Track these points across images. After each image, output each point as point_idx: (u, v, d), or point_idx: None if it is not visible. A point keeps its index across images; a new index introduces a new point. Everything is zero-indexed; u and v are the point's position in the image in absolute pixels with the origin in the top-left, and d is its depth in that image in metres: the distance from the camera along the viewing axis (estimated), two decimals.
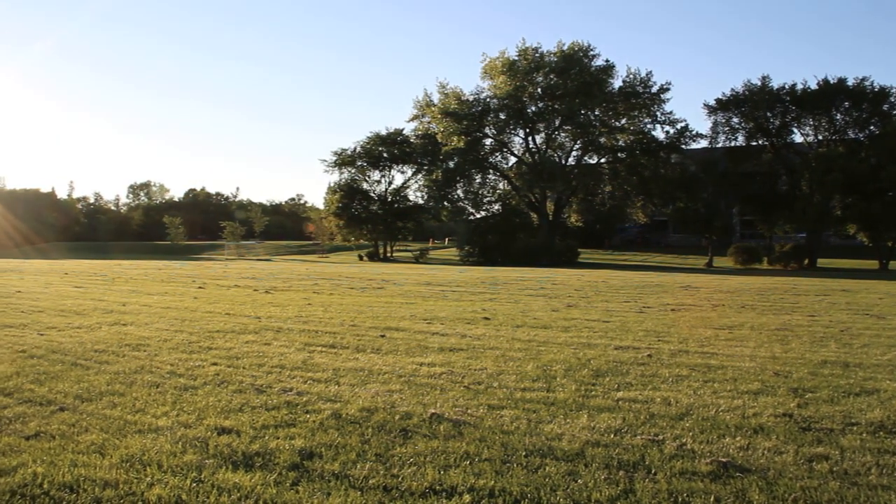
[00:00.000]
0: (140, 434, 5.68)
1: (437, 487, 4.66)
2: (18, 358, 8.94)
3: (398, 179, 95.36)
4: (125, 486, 4.58)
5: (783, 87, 59.11)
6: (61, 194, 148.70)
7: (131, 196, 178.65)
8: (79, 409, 6.40)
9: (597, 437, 5.75)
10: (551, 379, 8.06)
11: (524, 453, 5.35)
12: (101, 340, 10.49)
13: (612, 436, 5.82)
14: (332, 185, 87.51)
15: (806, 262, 54.78)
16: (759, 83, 59.96)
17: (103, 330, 11.72)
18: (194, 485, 4.61)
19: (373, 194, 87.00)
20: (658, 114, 68.05)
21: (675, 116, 67.81)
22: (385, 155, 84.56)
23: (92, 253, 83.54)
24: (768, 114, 59.84)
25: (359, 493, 4.55)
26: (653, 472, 4.99)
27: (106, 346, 9.91)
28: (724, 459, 5.20)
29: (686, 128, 66.99)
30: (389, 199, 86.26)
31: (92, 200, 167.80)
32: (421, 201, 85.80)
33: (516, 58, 69.93)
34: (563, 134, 73.79)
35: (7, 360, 8.74)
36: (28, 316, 13.51)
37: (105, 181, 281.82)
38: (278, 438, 5.60)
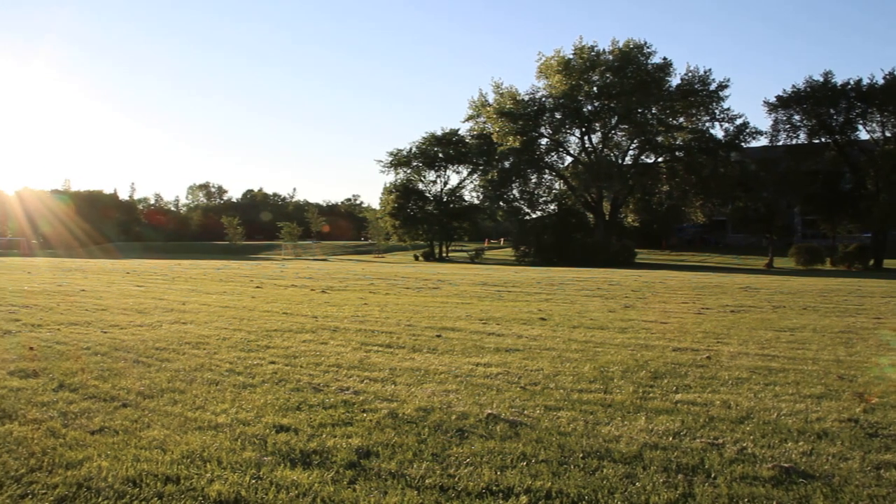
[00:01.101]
0: (200, 431, 5.76)
1: (494, 488, 4.64)
2: (83, 355, 9.14)
3: (454, 179, 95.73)
4: (186, 482, 4.65)
5: (847, 83, 57.42)
6: (123, 195, 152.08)
7: (190, 197, 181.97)
8: (141, 406, 6.52)
9: (655, 440, 5.68)
10: (608, 380, 7.98)
11: (581, 455, 5.30)
12: (162, 338, 10.67)
13: (670, 438, 5.74)
14: (387, 185, 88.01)
15: (871, 262, 53.26)
16: (822, 79, 58.48)
17: (164, 328, 11.92)
18: (253, 481, 4.66)
19: (428, 194, 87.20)
20: (717, 111, 66.98)
21: (734, 113, 66.71)
22: (440, 155, 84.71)
23: (152, 253, 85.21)
24: (831, 110, 58.26)
25: (415, 492, 4.56)
26: (712, 476, 4.90)
27: (167, 344, 10.07)
28: (786, 465, 5.09)
29: (745, 125, 65.82)
30: (445, 200, 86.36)
31: (152, 201, 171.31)
32: (476, 201, 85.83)
33: (572, 56, 69.44)
34: (619, 133, 73.10)
35: (72, 357, 8.94)
36: (92, 314, 13.80)
37: (165, 182, 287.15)
38: (335, 437, 5.64)
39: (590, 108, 71.41)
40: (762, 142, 66.25)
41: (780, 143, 62.59)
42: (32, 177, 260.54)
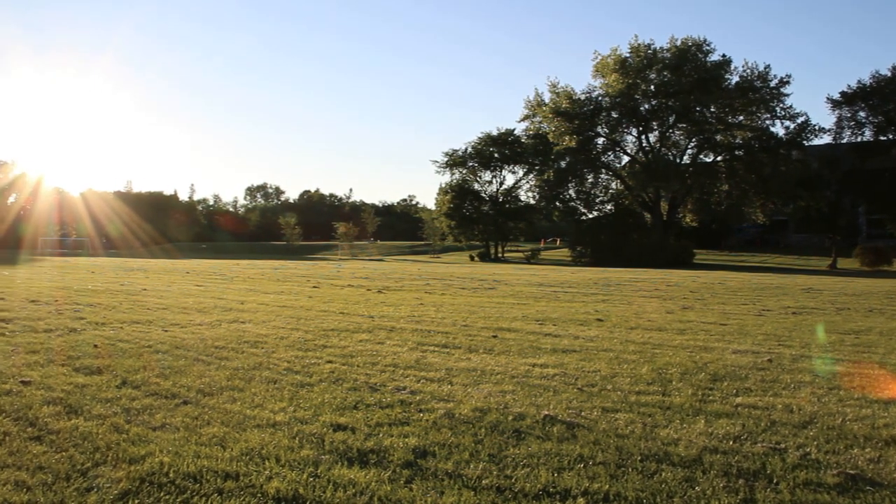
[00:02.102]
0: (259, 428, 5.82)
1: (551, 490, 4.60)
2: (145, 353, 9.31)
3: (509, 180, 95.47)
4: (245, 479, 4.70)
5: None
6: (183, 197, 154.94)
7: (248, 198, 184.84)
8: (201, 403, 6.61)
9: (715, 444, 5.58)
10: (667, 382, 7.87)
11: (639, 458, 5.24)
12: (221, 337, 10.82)
13: (730, 442, 5.63)
14: (443, 185, 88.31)
15: None
16: (890, 73, 56.94)
17: (223, 327, 12.09)
18: (311, 479, 4.69)
19: (484, 195, 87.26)
20: (777, 109, 65.78)
21: (796, 111, 65.34)
22: (496, 155, 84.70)
23: (211, 253, 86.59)
24: None
25: (472, 492, 4.55)
26: (774, 481, 4.79)
27: (226, 343, 10.21)
28: (852, 472, 4.95)
29: (807, 123, 64.56)
30: (500, 200, 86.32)
31: (211, 202, 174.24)
32: (532, 201, 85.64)
33: (628, 55, 68.91)
34: (677, 132, 72.29)
35: (135, 355, 9.12)
36: (153, 313, 14.06)
37: (224, 184, 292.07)
38: (392, 436, 5.65)
39: (647, 106, 70.78)
40: (825, 139, 64.97)
41: (845, 141, 61.27)
42: (96, 179, 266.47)
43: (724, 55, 67.10)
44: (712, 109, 67.42)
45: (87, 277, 26.49)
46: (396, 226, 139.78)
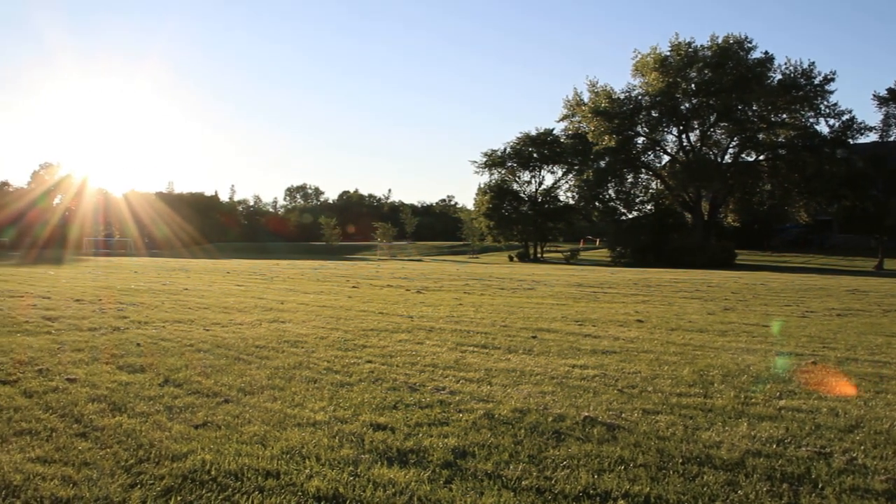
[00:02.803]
0: (299, 427, 5.86)
1: (591, 491, 4.57)
2: (187, 351, 9.42)
3: (548, 180, 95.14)
4: (286, 477, 4.73)
5: None
6: (224, 197, 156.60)
7: (288, 198, 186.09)
8: (242, 402, 6.67)
9: (758, 447, 5.50)
10: (708, 384, 7.78)
11: (681, 460, 5.19)
12: (262, 337, 10.91)
13: (774, 446, 5.55)
14: (482, 186, 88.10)
15: None
16: None
17: (263, 327, 12.19)
18: (351, 478, 4.71)
19: (523, 195, 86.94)
20: (821, 106, 64.57)
21: (841, 108, 64.19)
22: (535, 155, 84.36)
23: (251, 253, 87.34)
24: None
25: (511, 493, 4.53)
26: (820, 486, 4.71)
27: (266, 343, 10.29)
28: None
29: (852, 120, 63.32)
30: (539, 200, 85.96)
31: (251, 203, 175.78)
32: (571, 202, 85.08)
33: (668, 53, 68.26)
34: (718, 131, 71.47)
35: (177, 354, 9.23)
36: (194, 312, 14.22)
37: (264, 184, 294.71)
38: (432, 436, 5.66)
39: (687, 105, 70.06)
40: (871, 137, 63.77)
41: (892, 139, 60.04)
42: (139, 180, 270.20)
43: (766, 52, 66.16)
44: (754, 108, 66.48)
45: (129, 277, 26.88)
46: (435, 226, 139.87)
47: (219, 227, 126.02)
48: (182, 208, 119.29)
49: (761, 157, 70.16)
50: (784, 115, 66.92)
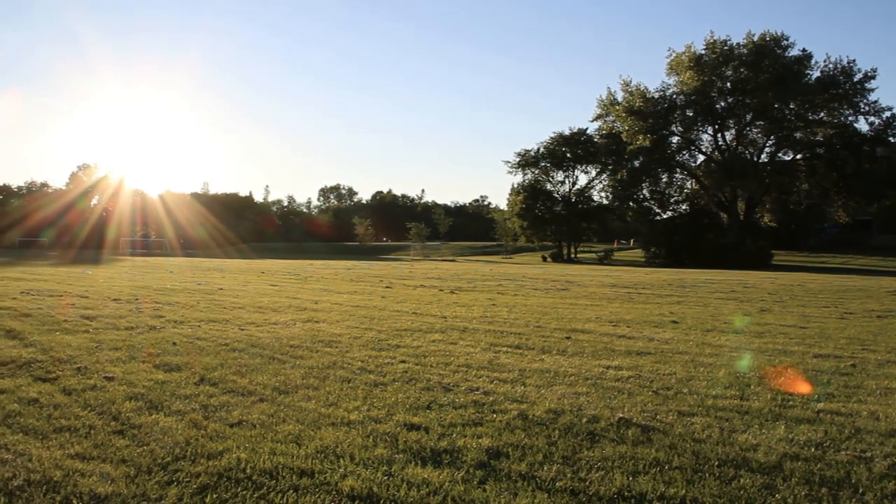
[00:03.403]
0: (333, 427, 5.88)
1: (626, 494, 4.54)
2: (222, 351, 9.49)
3: (582, 180, 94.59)
4: (320, 476, 4.75)
5: None
6: (258, 198, 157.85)
7: (322, 199, 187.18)
8: (276, 401, 6.71)
9: (796, 451, 5.43)
10: (745, 387, 7.69)
11: (717, 463, 5.13)
12: (296, 336, 10.96)
13: (812, 450, 5.47)
14: (515, 186, 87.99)
15: None
16: None
17: (297, 326, 12.25)
18: (385, 478, 4.72)
19: (556, 195, 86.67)
20: (861, 104, 63.59)
21: (881, 105, 63.11)
22: (568, 155, 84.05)
23: (285, 253, 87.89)
24: None
25: (546, 494, 4.51)
26: (860, 491, 4.63)
27: (300, 342, 10.34)
28: None
29: (894, 118, 62.28)
30: (573, 200, 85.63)
31: (285, 203, 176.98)
32: (605, 202, 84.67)
33: (703, 51, 67.71)
34: (754, 130, 70.74)
35: (212, 353, 9.30)
36: (229, 312, 14.33)
37: (298, 185, 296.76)
38: (465, 437, 5.65)
39: (723, 104, 69.44)
40: None
41: None
42: (174, 180, 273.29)
43: (804, 50, 65.34)
44: (791, 106, 65.64)
45: (165, 277, 27.16)
46: (468, 226, 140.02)
47: (253, 227, 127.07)
48: (217, 209, 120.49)
49: (798, 157, 69.27)
50: (822, 114, 66.04)
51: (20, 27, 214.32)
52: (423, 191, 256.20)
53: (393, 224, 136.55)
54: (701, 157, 75.28)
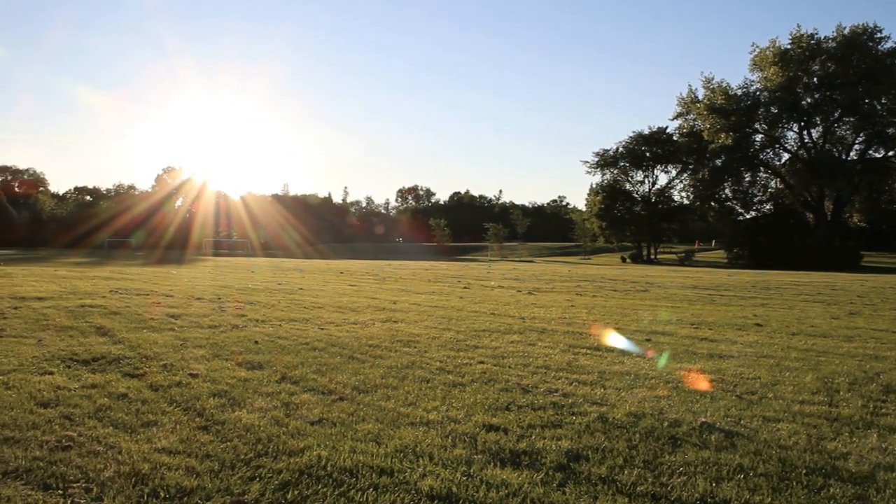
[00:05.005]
0: (412, 426, 5.90)
1: (709, 500, 4.43)
2: (302, 349, 9.62)
3: (662, 179, 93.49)
4: (399, 475, 4.77)
5: None
6: (336, 199, 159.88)
7: (400, 200, 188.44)
8: (356, 400, 6.76)
9: (890, 461, 5.22)
10: (833, 392, 7.45)
11: (804, 471, 4.97)
12: (375, 336, 11.05)
13: None
14: (594, 186, 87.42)
15: None
16: None
17: (376, 326, 12.34)
18: (464, 479, 4.71)
19: (636, 195, 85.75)
20: None
21: None
22: (648, 154, 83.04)
23: (363, 253, 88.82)
24: None
25: (626, 499, 4.44)
26: None
27: (379, 342, 10.41)
28: None
29: None
30: (653, 200, 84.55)
31: (364, 204, 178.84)
32: (686, 202, 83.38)
33: (789, 46, 65.95)
34: (843, 126, 68.60)
35: (293, 351, 9.44)
36: (309, 311, 14.52)
37: (376, 186, 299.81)
38: (545, 438, 5.60)
39: (809, 100, 67.55)
40: None
41: None
42: (255, 182, 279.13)
43: None
44: (883, 101, 63.38)
45: (247, 276, 27.72)
46: (546, 227, 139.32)
47: (332, 227, 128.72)
48: (296, 210, 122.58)
49: (891, 154, 66.85)
50: None
51: (109, 33, 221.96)
52: (500, 191, 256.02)
53: (470, 225, 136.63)
54: (786, 156, 73.51)
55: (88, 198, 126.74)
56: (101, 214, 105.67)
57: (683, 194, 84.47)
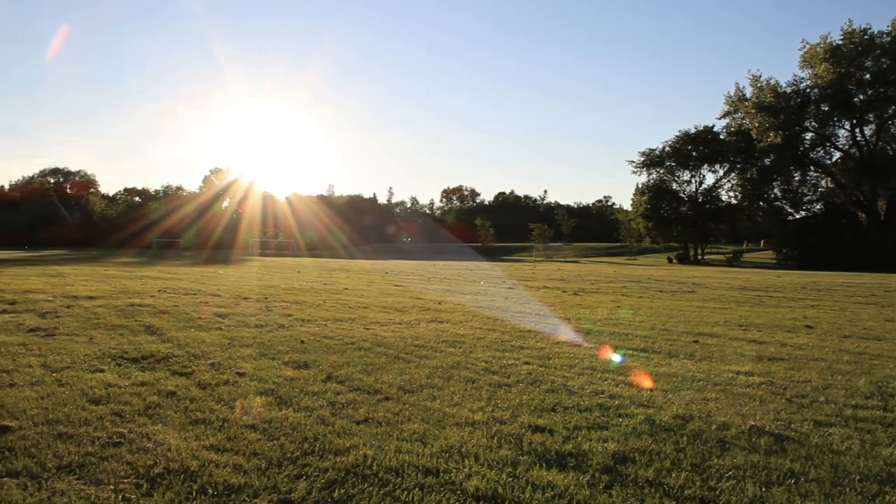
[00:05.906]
0: (458, 427, 5.90)
1: None
2: (348, 349, 9.68)
3: (709, 179, 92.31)
4: (445, 475, 4.77)
5: None
6: (381, 199, 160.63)
7: (444, 200, 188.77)
8: (402, 400, 6.78)
9: None
10: (888, 397, 7.29)
11: (858, 477, 4.87)
12: (420, 336, 11.07)
13: None
14: (639, 186, 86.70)
15: None
16: None
17: (422, 326, 12.37)
18: (509, 479, 4.70)
19: (682, 195, 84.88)
20: None
21: None
22: (694, 154, 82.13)
23: (408, 254, 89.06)
24: None
25: (674, 502, 4.40)
26: None
27: (424, 342, 10.43)
28: None
29: None
30: (700, 200, 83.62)
31: (408, 205, 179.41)
32: (734, 201, 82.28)
33: (840, 42, 64.62)
34: None
35: (338, 351, 9.50)
36: (355, 311, 14.60)
37: (421, 186, 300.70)
38: (591, 440, 5.57)
39: (862, 97, 66.14)
40: None
41: None
42: (301, 183, 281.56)
43: None
44: None
45: (292, 276, 27.93)
46: (591, 227, 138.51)
47: (376, 228, 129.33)
48: (341, 210, 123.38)
49: None
50: None
51: (158, 37, 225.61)
52: (545, 191, 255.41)
53: (515, 225, 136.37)
54: (837, 154, 72.00)
55: (137, 199, 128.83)
56: (149, 215, 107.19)
57: (731, 194, 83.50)
